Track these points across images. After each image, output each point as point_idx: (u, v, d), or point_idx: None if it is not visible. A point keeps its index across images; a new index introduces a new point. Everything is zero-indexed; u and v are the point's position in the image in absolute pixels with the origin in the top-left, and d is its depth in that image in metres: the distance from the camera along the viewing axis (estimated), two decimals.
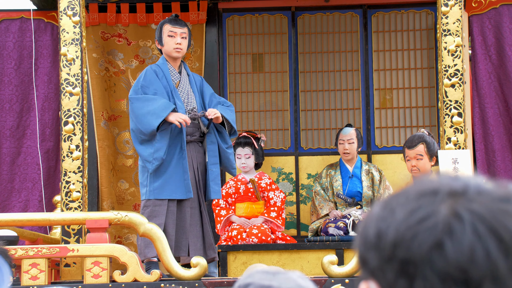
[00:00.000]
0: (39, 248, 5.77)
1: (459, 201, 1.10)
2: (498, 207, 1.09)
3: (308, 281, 1.42)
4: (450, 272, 1.06)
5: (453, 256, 1.06)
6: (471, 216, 1.08)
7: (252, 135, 7.84)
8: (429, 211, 1.10)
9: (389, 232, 1.11)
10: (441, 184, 1.13)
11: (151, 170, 6.38)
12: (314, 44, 8.69)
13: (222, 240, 7.44)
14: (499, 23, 8.00)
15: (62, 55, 6.49)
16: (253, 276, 1.41)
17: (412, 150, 6.77)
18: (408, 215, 1.10)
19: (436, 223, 1.08)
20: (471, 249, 1.06)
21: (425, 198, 1.11)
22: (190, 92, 6.72)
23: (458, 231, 1.07)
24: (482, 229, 1.07)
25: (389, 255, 1.10)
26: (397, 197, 1.14)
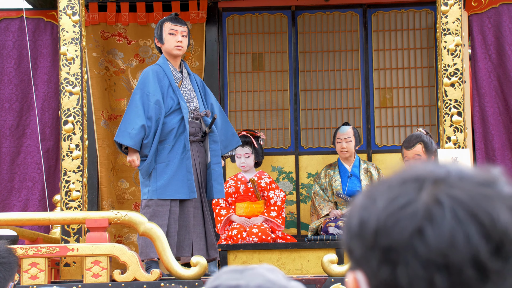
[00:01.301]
0: (39, 248, 5.77)
1: (440, 188, 1.10)
2: (478, 192, 1.09)
3: (277, 273, 1.42)
4: (431, 257, 1.06)
5: (434, 241, 1.06)
6: (451, 201, 1.08)
7: (252, 134, 7.84)
8: (410, 198, 1.10)
9: (370, 221, 1.11)
10: (422, 171, 1.13)
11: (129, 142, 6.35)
12: (314, 43, 8.69)
13: (222, 239, 7.44)
14: (499, 22, 8.00)
15: (61, 54, 6.49)
16: (220, 277, 1.40)
17: (410, 150, 6.77)
18: (389, 203, 1.10)
19: (416, 209, 1.08)
20: (451, 234, 1.06)
21: (406, 186, 1.11)
22: (192, 91, 6.71)
23: (438, 217, 1.07)
24: (462, 214, 1.07)
25: (372, 243, 1.10)
26: (379, 185, 1.14)
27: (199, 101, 6.71)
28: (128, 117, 6.42)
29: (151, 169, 6.44)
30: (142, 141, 6.38)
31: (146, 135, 6.38)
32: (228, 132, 6.83)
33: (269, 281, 1.38)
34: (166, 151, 6.46)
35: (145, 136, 6.38)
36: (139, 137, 6.36)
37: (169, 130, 6.47)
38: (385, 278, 1.09)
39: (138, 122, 6.35)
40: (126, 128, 6.38)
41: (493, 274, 1.07)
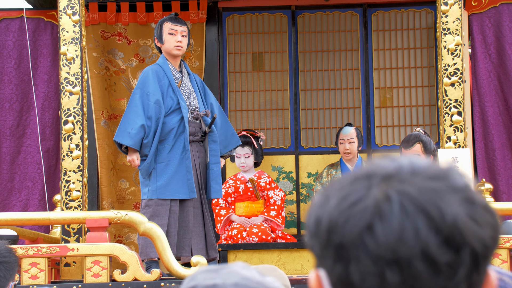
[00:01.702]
0: (39, 247, 5.77)
1: (390, 183, 1.10)
2: (428, 186, 1.09)
3: (252, 270, 1.43)
4: (381, 253, 1.07)
5: (383, 237, 1.07)
6: (400, 196, 1.08)
7: (252, 134, 7.83)
8: (360, 195, 1.10)
9: (323, 219, 1.12)
10: (375, 168, 1.13)
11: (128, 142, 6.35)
12: (314, 43, 8.69)
13: (223, 239, 7.44)
14: (499, 21, 8.00)
15: (62, 54, 6.49)
16: (196, 278, 1.41)
17: (409, 150, 6.77)
18: (340, 201, 1.11)
19: (366, 206, 1.09)
20: (400, 229, 1.07)
21: (357, 183, 1.12)
22: (192, 91, 6.71)
23: (387, 213, 1.08)
24: (410, 208, 1.07)
25: (326, 241, 1.11)
26: (333, 184, 1.15)
27: (198, 101, 6.71)
28: (128, 116, 6.42)
29: (151, 169, 6.44)
30: (142, 140, 6.38)
31: (145, 134, 6.38)
32: (228, 132, 6.83)
33: (245, 278, 1.40)
34: (166, 151, 6.46)
35: (145, 135, 6.38)
36: (139, 137, 6.36)
37: (169, 130, 6.47)
38: (340, 274, 1.10)
39: (138, 122, 6.35)
40: (125, 128, 6.38)
41: (444, 266, 1.07)
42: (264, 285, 1.40)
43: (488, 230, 1.10)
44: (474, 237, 1.08)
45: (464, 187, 1.12)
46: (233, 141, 6.87)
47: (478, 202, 1.12)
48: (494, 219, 1.12)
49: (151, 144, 6.41)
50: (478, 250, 1.09)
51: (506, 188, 7.88)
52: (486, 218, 1.11)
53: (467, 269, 1.08)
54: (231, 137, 6.85)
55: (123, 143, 6.39)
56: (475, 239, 1.08)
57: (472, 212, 1.10)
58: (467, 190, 1.12)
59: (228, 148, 6.84)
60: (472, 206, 1.10)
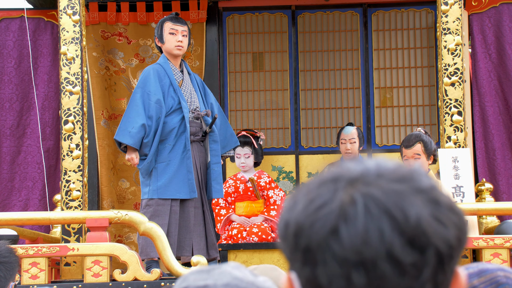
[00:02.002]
0: (39, 247, 5.77)
1: (356, 186, 1.11)
2: (393, 188, 1.10)
3: (243, 270, 1.44)
4: (347, 256, 1.08)
5: (348, 240, 1.08)
6: (365, 199, 1.10)
7: (252, 134, 7.83)
8: (326, 199, 1.11)
9: (291, 222, 1.13)
10: (341, 171, 1.15)
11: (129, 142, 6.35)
12: (314, 43, 8.69)
13: (223, 239, 7.44)
14: (499, 21, 8.00)
15: (62, 54, 6.49)
16: (187, 279, 1.42)
17: (409, 149, 6.77)
18: (307, 205, 1.13)
19: (332, 209, 1.10)
20: (365, 231, 1.08)
21: (324, 187, 1.13)
22: (193, 91, 6.71)
23: (352, 215, 1.09)
24: (375, 210, 1.09)
25: (294, 245, 1.13)
26: (302, 188, 1.17)
27: (199, 100, 6.71)
28: (129, 115, 6.42)
29: (151, 169, 6.43)
30: (142, 140, 6.38)
31: (146, 134, 6.38)
32: (227, 133, 6.83)
33: (236, 278, 1.40)
34: (166, 150, 6.46)
35: (145, 135, 6.38)
36: (139, 136, 6.36)
37: (170, 130, 6.47)
38: (308, 277, 1.11)
39: (139, 121, 6.35)
40: (126, 127, 6.38)
41: (409, 267, 1.08)
42: (255, 284, 1.40)
43: (453, 230, 1.11)
44: (438, 238, 1.09)
45: (429, 189, 1.12)
46: (231, 142, 6.87)
47: (443, 203, 1.12)
48: (460, 220, 1.13)
49: (151, 143, 6.41)
50: (442, 250, 1.10)
51: (506, 188, 7.88)
52: (451, 219, 1.12)
53: (432, 269, 1.09)
54: (230, 138, 6.85)
55: (124, 142, 6.39)
56: (439, 240, 1.09)
57: (436, 212, 1.11)
58: (432, 191, 1.13)
59: (227, 148, 6.84)
60: (437, 206, 1.11)
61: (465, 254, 6.13)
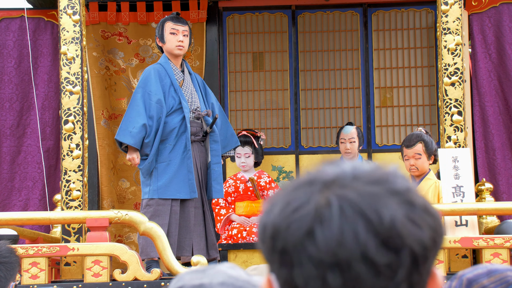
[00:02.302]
0: (39, 247, 5.77)
1: (331, 189, 1.13)
2: (368, 190, 1.12)
3: (238, 270, 1.46)
4: (322, 257, 1.10)
5: (323, 241, 1.10)
6: (340, 201, 1.11)
7: (252, 134, 7.83)
8: (302, 201, 1.13)
9: (268, 225, 1.15)
10: (318, 174, 1.16)
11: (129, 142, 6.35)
12: (315, 43, 8.69)
13: (223, 239, 7.44)
14: (499, 21, 8.00)
15: (62, 54, 6.49)
16: (183, 278, 1.43)
17: (410, 149, 6.78)
18: (283, 207, 1.14)
19: (307, 212, 1.12)
20: (340, 232, 1.09)
21: (300, 190, 1.15)
22: (194, 91, 6.71)
23: (327, 217, 1.11)
24: (350, 212, 1.10)
25: (271, 247, 1.14)
26: (280, 190, 1.18)
27: (200, 100, 6.71)
28: (129, 115, 6.42)
29: (151, 169, 6.43)
30: (143, 140, 6.38)
31: (147, 134, 6.38)
32: (227, 133, 6.83)
33: (232, 277, 1.41)
34: (167, 150, 6.46)
35: (146, 135, 6.38)
36: (140, 136, 6.36)
37: (170, 130, 6.47)
38: (285, 278, 1.13)
39: (139, 121, 6.35)
40: (127, 127, 6.38)
41: (384, 268, 1.09)
42: (251, 283, 1.41)
43: (428, 232, 1.13)
44: (412, 239, 1.11)
45: (404, 191, 1.14)
46: (232, 142, 6.87)
47: (418, 205, 1.13)
48: (435, 221, 1.14)
49: (152, 143, 6.41)
50: (417, 251, 1.11)
51: (506, 188, 7.88)
52: (426, 220, 1.13)
53: (407, 270, 1.11)
54: (231, 138, 6.85)
55: (124, 142, 6.38)
56: (413, 241, 1.11)
57: (411, 214, 1.12)
58: (407, 193, 1.14)
59: (227, 148, 6.84)
60: (412, 208, 1.12)
61: (465, 254, 6.13)
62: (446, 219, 6.12)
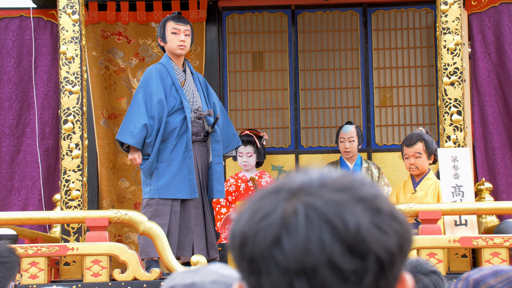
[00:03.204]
0: (39, 247, 5.77)
1: (299, 197, 1.14)
2: (334, 198, 1.13)
3: (230, 269, 1.47)
4: (289, 264, 1.11)
5: (290, 249, 1.11)
6: (306, 209, 1.12)
7: (255, 134, 7.84)
8: (269, 210, 1.14)
9: (236, 234, 1.16)
10: (285, 182, 1.17)
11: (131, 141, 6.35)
12: (314, 42, 8.69)
13: (223, 238, 7.44)
14: (499, 21, 8.00)
15: (61, 54, 6.49)
16: (175, 278, 1.44)
17: (410, 148, 6.78)
18: (251, 215, 1.15)
19: (274, 220, 1.13)
20: (306, 240, 1.10)
21: (268, 198, 1.16)
22: (195, 91, 6.70)
23: (293, 225, 1.11)
24: (315, 220, 1.11)
25: (239, 255, 1.16)
26: (250, 199, 1.19)
27: (202, 100, 6.70)
28: (131, 115, 6.42)
29: (153, 168, 6.43)
30: (145, 140, 6.38)
31: (148, 134, 6.38)
32: (229, 133, 6.83)
33: (223, 276, 1.43)
34: (168, 150, 6.46)
35: (148, 135, 6.38)
36: (141, 136, 6.36)
37: (172, 130, 6.46)
38: (254, 286, 1.14)
39: (141, 121, 6.35)
40: (128, 127, 6.38)
41: (350, 274, 1.10)
42: None
43: (394, 238, 1.13)
44: (378, 245, 1.12)
45: (370, 197, 1.15)
46: (233, 142, 6.87)
47: (384, 211, 1.14)
48: (402, 227, 1.15)
49: (153, 143, 6.40)
50: (383, 257, 1.12)
51: (505, 188, 7.88)
52: (392, 226, 1.14)
53: (373, 275, 1.12)
54: (232, 138, 6.85)
55: (125, 142, 6.38)
56: (379, 247, 1.12)
57: (376, 220, 1.13)
58: (373, 199, 1.15)
59: (229, 148, 6.84)
60: (377, 215, 1.13)
61: (464, 253, 6.13)
62: (445, 218, 6.12)
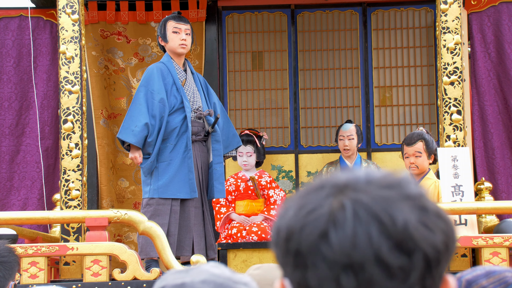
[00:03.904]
0: (39, 247, 5.77)
1: (346, 193, 1.15)
2: (381, 194, 1.14)
3: (222, 268, 1.48)
4: (336, 259, 1.11)
5: (337, 243, 1.12)
6: (353, 204, 1.13)
7: (255, 133, 7.84)
8: (316, 205, 1.15)
9: (282, 228, 1.17)
10: (332, 179, 1.19)
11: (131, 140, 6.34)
12: (314, 42, 8.69)
13: (222, 238, 7.44)
14: (498, 20, 8.00)
15: (61, 53, 6.49)
16: (166, 278, 1.45)
17: (411, 147, 6.78)
18: (298, 210, 1.16)
19: (321, 214, 1.14)
20: (354, 235, 1.11)
21: (315, 193, 1.17)
22: (196, 90, 6.71)
23: (341, 220, 1.13)
24: (363, 215, 1.12)
25: (285, 250, 1.16)
26: (295, 195, 1.20)
27: (202, 100, 6.70)
28: (132, 114, 6.42)
29: (153, 168, 6.43)
30: (146, 139, 6.38)
31: (149, 133, 6.38)
32: (229, 133, 6.83)
33: (214, 275, 1.43)
34: (168, 150, 6.46)
35: (149, 134, 6.38)
36: (142, 135, 6.35)
37: (172, 129, 6.46)
38: (299, 280, 1.15)
39: (142, 120, 6.35)
40: (129, 125, 6.38)
41: (397, 270, 1.11)
42: (232, 279, 1.43)
43: (440, 236, 1.15)
44: (425, 242, 1.13)
45: (417, 196, 1.16)
46: (234, 142, 6.87)
47: (430, 210, 1.16)
48: (447, 226, 1.17)
49: (154, 143, 6.40)
50: (430, 255, 1.13)
51: (505, 187, 7.88)
52: (438, 225, 1.15)
53: (419, 273, 1.13)
54: (232, 138, 6.85)
55: (126, 141, 6.38)
56: (426, 244, 1.13)
57: (423, 218, 1.14)
58: (420, 198, 1.16)
59: (229, 148, 6.84)
60: (424, 213, 1.15)
61: (464, 253, 6.13)
62: None
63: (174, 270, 1.47)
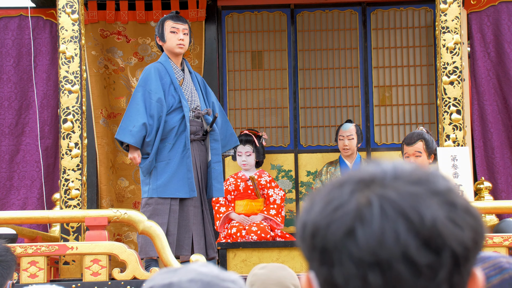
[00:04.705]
0: (38, 246, 5.77)
1: (372, 189, 1.13)
2: (409, 190, 1.12)
3: (211, 266, 1.48)
4: (363, 256, 1.10)
5: (364, 240, 1.10)
6: (381, 201, 1.11)
7: (254, 133, 7.84)
8: (343, 201, 1.13)
9: (308, 224, 1.16)
10: (359, 173, 1.17)
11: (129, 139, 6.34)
12: (313, 42, 8.69)
13: (222, 237, 7.44)
14: (498, 20, 8.00)
15: (61, 53, 6.49)
16: (154, 279, 1.45)
17: (411, 147, 6.78)
18: (324, 206, 1.15)
19: (348, 211, 1.12)
20: (381, 232, 1.10)
21: (341, 189, 1.15)
22: (194, 90, 6.71)
23: (368, 217, 1.11)
24: (391, 212, 1.10)
25: (311, 245, 1.15)
26: (321, 190, 1.19)
27: (200, 99, 6.71)
28: (129, 114, 6.42)
29: (152, 167, 6.44)
30: (144, 139, 6.38)
31: (147, 133, 6.38)
32: (227, 132, 6.83)
33: (201, 274, 1.44)
34: (166, 149, 6.46)
35: (147, 134, 6.38)
36: (140, 135, 6.36)
37: (170, 129, 6.47)
38: (325, 277, 1.14)
39: (140, 120, 6.35)
40: (127, 126, 6.38)
41: (425, 268, 1.10)
42: (220, 277, 1.43)
43: (469, 232, 1.13)
44: (454, 239, 1.11)
45: (445, 191, 1.14)
46: (231, 141, 6.87)
47: (459, 205, 1.13)
48: (476, 222, 1.14)
49: (153, 142, 6.40)
50: (458, 252, 1.11)
51: (505, 187, 7.88)
52: (467, 221, 1.13)
53: (448, 270, 1.11)
54: (230, 137, 6.86)
55: (124, 141, 6.38)
56: (455, 241, 1.11)
57: (452, 214, 1.12)
58: (448, 193, 1.14)
59: (226, 147, 6.84)
60: (453, 209, 1.12)
61: None
62: None
63: (162, 270, 1.48)
